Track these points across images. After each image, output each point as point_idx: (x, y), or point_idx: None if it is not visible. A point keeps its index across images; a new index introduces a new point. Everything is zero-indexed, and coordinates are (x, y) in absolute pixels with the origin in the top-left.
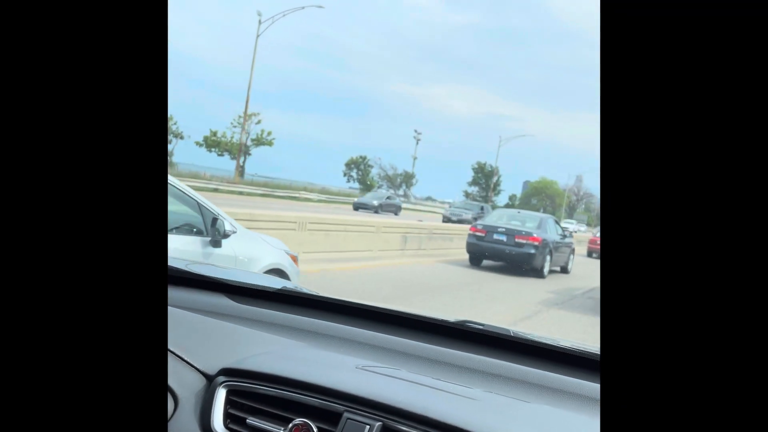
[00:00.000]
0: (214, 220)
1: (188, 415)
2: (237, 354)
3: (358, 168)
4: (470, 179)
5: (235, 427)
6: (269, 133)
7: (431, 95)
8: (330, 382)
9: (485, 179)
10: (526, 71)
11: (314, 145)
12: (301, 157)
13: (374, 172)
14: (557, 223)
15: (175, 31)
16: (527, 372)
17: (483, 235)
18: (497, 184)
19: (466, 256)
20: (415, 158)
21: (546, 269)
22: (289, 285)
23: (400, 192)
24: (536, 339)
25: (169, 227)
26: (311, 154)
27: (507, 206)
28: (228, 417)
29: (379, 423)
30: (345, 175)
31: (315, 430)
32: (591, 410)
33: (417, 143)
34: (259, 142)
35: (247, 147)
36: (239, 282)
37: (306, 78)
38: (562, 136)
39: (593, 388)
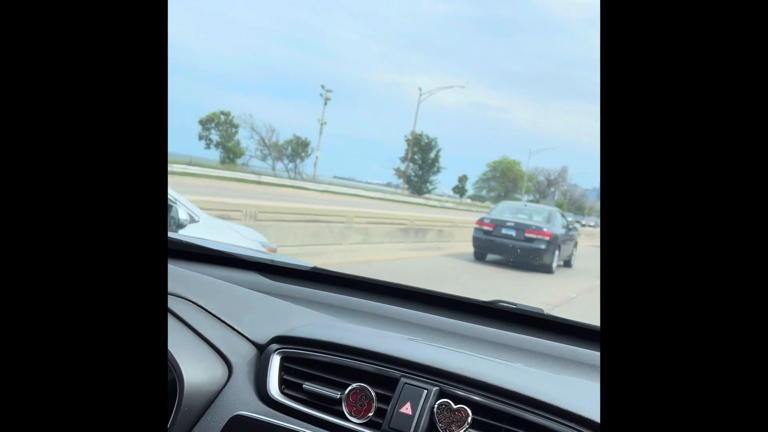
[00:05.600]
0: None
1: (243, 381)
2: (285, 324)
3: (219, 127)
4: (402, 154)
5: (290, 392)
6: None
7: (418, 85)
8: (385, 348)
9: (422, 154)
10: (511, 61)
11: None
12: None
13: (243, 134)
14: (563, 215)
15: None
16: (563, 349)
17: (491, 229)
18: (436, 160)
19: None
20: (323, 123)
21: (554, 265)
22: (320, 265)
23: (291, 166)
24: (568, 319)
25: None
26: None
27: (455, 189)
28: (283, 383)
29: (437, 388)
30: (201, 138)
31: (373, 394)
32: None
33: (325, 103)
34: None
35: None
36: (272, 261)
37: (288, 65)
38: (549, 126)
39: None
